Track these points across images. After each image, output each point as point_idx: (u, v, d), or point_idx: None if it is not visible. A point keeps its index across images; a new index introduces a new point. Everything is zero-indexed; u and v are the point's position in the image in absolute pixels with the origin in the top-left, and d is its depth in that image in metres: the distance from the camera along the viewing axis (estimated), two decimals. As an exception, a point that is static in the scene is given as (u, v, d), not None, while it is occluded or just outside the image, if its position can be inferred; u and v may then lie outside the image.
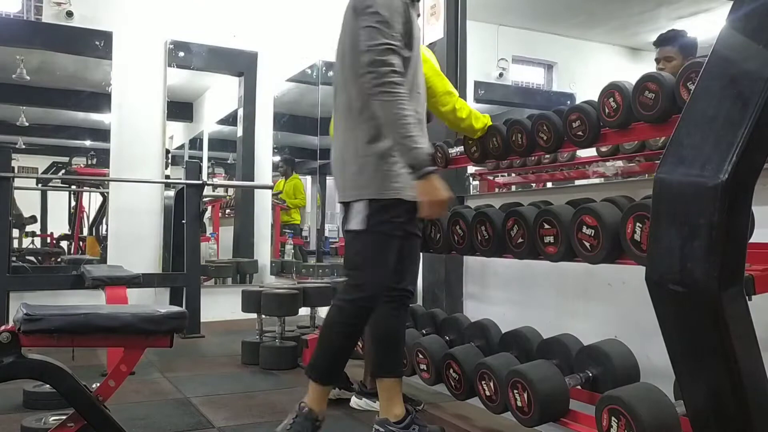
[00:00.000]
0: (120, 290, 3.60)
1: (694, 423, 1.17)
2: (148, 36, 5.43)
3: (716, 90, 1.10)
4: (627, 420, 1.66)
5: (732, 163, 1.00)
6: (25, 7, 5.11)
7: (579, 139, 2.27)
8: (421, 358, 2.57)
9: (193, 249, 4.83)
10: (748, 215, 1.08)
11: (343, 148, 2.17)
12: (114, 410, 1.78)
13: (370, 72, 1.91)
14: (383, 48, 1.91)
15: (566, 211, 1.97)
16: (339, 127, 2.20)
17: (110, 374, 1.78)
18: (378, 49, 1.91)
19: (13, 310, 3.26)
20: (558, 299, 2.79)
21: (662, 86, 1.95)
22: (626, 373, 2.07)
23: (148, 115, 5.40)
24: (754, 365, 1.09)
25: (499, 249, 2.24)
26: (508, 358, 2.25)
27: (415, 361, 2.61)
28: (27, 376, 1.73)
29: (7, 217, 4.25)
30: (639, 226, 1.69)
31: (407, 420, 2.25)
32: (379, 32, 1.92)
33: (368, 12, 1.95)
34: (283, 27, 5.68)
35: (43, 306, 1.69)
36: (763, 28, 1.08)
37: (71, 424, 1.75)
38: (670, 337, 1.14)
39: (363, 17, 1.97)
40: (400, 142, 1.94)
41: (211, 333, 4.72)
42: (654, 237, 1.12)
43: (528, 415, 1.98)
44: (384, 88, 1.90)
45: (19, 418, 2.41)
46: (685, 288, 1.05)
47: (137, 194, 5.33)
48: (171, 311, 1.78)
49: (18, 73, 5.44)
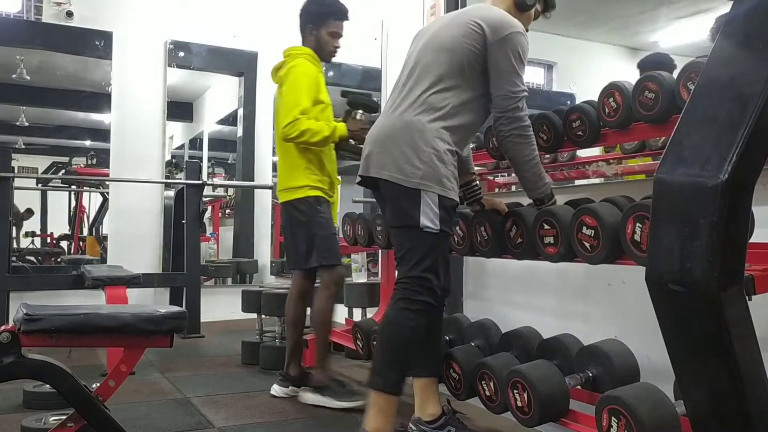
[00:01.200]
0: (120, 290, 3.60)
1: (694, 423, 1.17)
2: (148, 36, 5.43)
3: (716, 90, 1.10)
4: (627, 420, 1.66)
5: (732, 163, 1.00)
6: (25, 7, 5.11)
7: (579, 139, 2.27)
8: (421, 358, 2.56)
9: (193, 249, 4.83)
10: (748, 215, 1.08)
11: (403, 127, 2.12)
12: (114, 410, 1.78)
13: (512, 118, 2.08)
14: (522, 95, 2.10)
15: (566, 212, 1.97)
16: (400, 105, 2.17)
17: (110, 374, 1.78)
18: (519, 97, 2.09)
19: (13, 310, 3.26)
20: (558, 299, 2.79)
21: (662, 86, 1.95)
22: (626, 373, 2.07)
23: (148, 115, 5.40)
24: (754, 365, 1.09)
25: (499, 249, 2.24)
26: (508, 358, 2.25)
27: (415, 361, 2.60)
28: (27, 376, 1.73)
29: (8, 217, 4.25)
30: (639, 226, 1.68)
31: (441, 420, 2.26)
32: (520, 78, 2.09)
33: (514, 55, 2.07)
34: (283, 27, 5.67)
35: (43, 306, 1.69)
36: (763, 28, 1.08)
37: (71, 424, 1.75)
38: (670, 338, 1.14)
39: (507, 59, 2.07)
40: (533, 181, 2.13)
41: (211, 333, 4.72)
42: (654, 237, 1.12)
43: (528, 415, 1.98)
44: (523, 133, 2.09)
45: (19, 418, 2.42)
46: (685, 288, 1.05)
47: (137, 194, 5.33)
48: (171, 311, 1.78)
49: (18, 73, 5.45)
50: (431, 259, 2.09)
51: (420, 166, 2.06)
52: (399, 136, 2.12)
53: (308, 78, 2.88)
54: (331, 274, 2.94)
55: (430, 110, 2.10)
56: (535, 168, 2.11)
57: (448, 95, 2.11)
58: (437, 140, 2.08)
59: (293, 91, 2.85)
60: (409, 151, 2.08)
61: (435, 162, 2.06)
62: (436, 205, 2.06)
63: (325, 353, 2.97)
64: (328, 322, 2.97)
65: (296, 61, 2.92)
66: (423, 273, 2.08)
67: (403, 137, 2.11)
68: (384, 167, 2.13)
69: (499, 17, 2.12)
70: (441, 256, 2.12)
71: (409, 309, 2.08)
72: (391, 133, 2.15)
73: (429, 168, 2.06)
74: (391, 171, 2.11)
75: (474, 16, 2.13)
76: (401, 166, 2.09)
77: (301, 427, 2.59)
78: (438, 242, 2.10)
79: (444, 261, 2.15)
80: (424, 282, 2.08)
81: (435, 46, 2.16)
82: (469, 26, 2.11)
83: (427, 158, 2.06)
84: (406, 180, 2.08)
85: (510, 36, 2.07)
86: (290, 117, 2.79)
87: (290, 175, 2.94)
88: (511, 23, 2.10)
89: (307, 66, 2.92)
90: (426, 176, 2.06)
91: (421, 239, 2.09)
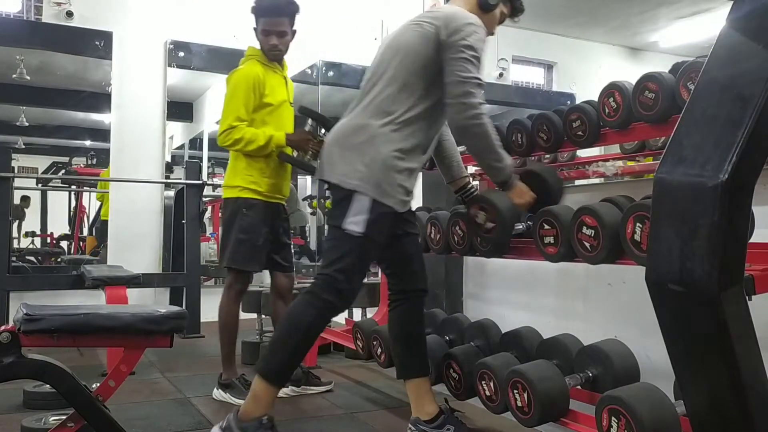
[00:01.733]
0: (120, 290, 3.60)
1: (694, 423, 1.17)
2: (148, 36, 5.42)
3: (716, 90, 1.10)
4: (627, 420, 1.66)
5: (732, 163, 1.01)
6: (25, 7, 5.11)
7: (579, 139, 2.27)
8: (421, 358, 2.57)
9: (193, 249, 4.83)
10: (748, 215, 1.08)
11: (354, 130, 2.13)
12: (114, 410, 1.78)
13: (463, 104, 2.01)
14: (476, 82, 2.01)
15: (566, 211, 1.97)
16: (356, 108, 2.18)
17: (110, 374, 1.78)
18: (472, 83, 2.00)
19: (13, 310, 3.26)
20: (558, 299, 2.79)
21: (662, 86, 1.95)
22: (626, 373, 2.07)
23: (148, 115, 5.40)
24: (754, 365, 1.09)
25: (499, 249, 2.24)
26: (508, 358, 2.25)
27: (415, 361, 2.60)
28: (27, 376, 1.73)
29: (8, 217, 4.24)
30: (639, 226, 1.68)
31: (440, 419, 2.26)
32: (473, 66, 2.02)
33: (464, 44, 2.01)
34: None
35: (43, 306, 1.69)
36: (763, 28, 1.08)
37: (71, 424, 1.75)
38: (670, 337, 1.14)
39: (457, 48, 2.02)
40: (493, 166, 2.09)
41: (211, 333, 4.71)
42: (654, 237, 1.12)
43: (528, 415, 1.98)
44: (476, 120, 2.01)
45: (19, 418, 2.41)
46: (685, 288, 1.05)
47: (137, 194, 5.33)
48: (171, 311, 1.79)
49: (18, 73, 5.44)
50: (346, 261, 2.08)
51: (360, 168, 2.06)
52: (347, 139, 2.13)
53: (246, 82, 2.84)
54: (233, 278, 2.95)
55: (380, 113, 2.09)
56: (493, 153, 2.07)
57: (400, 98, 2.09)
58: (384, 144, 2.06)
59: (229, 97, 2.86)
60: (353, 154, 2.09)
61: (376, 166, 2.05)
62: (366, 209, 2.05)
63: (228, 351, 2.97)
64: (230, 324, 2.96)
65: (240, 66, 2.94)
66: (333, 272, 2.08)
67: (349, 140, 2.12)
68: (331, 170, 2.14)
69: (452, 12, 2.10)
70: (358, 261, 2.10)
71: (311, 304, 2.09)
72: (340, 137, 2.16)
73: (369, 171, 2.05)
74: (335, 173, 2.12)
75: (427, 16, 2.13)
76: (343, 168, 2.10)
77: (301, 427, 2.59)
78: (358, 246, 2.07)
79: (361, 266, 2.13)
80: (333, 281, 2.08)
81: (392, 50, 2.16)
82: (423, 26, 2.10)
83: (369, 161, 2.06)
84: (345, 182, 2.09)
85: (461, 26, 2.04)
86: (225, 125, 2.82)
87: (229, 174, 2.95)
88: (464, 16, 2.07)
89: (248, 69, 2.89)
90: (364, 179, 2.05)
91: (342, 239, 2.09)
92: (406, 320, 2.36)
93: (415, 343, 2.35)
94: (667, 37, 6.53)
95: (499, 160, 2.09)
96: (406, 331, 2.36)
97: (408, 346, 2.36)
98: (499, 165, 2.09)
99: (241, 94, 2.84)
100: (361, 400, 2.98)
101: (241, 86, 2.85)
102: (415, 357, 2.35)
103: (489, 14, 2.23)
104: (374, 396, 3.04)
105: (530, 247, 2.12)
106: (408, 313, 2.35)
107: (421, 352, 2.37)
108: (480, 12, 2.20)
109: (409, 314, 2.35)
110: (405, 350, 2.38)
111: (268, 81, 2.92)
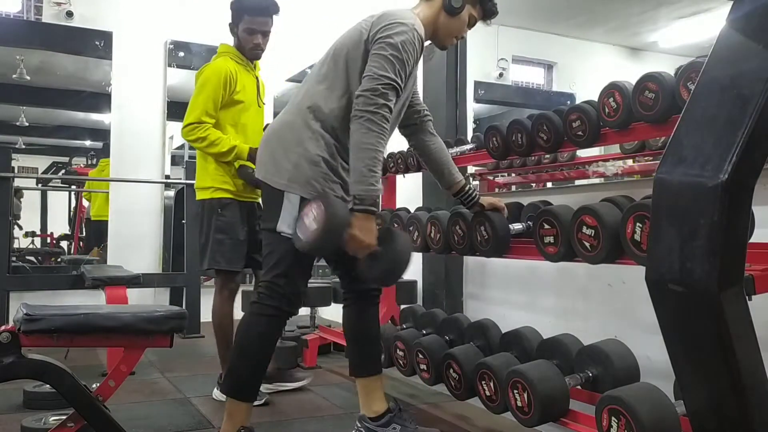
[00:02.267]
0: (120, 290, 3.61)
1: (694, 423, 1.17)
2: (148, 36, 5.42)
3: (716, 90, 1.10)
4: (627, 420, 1.66)
5: (732, 163, 1.01)
6: (25, 7, 5.11)
7: (579, 139, 2.27)
8: (421, 358, 2.57)
9: (193, 249, 4.82)
10: (748, 215, 1.08)
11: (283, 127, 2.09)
12: (114, 410, 1.78)
13: (368, 99, 1.89)
14: (389, 83, 1.90)
15: (566, 211, 1.97)
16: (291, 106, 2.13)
17: (110, 374, 1.78)
18: (384, 82, 1.89)
19: (13, 310, 3.26)
20: (558, 299, 2.79)
21: (662, 86, 1.95)
22: (626, 373, 2.07)
23: (148, 115, 5.40)
24: (754, 365, 1.09)
25: (499, 249, 2.24)
26: (508, 358, 2.25)
27: (415, 361, 2.61)
28: (27, 376, 1.73)
29: (8, 217, 4.24)
30: (639, 226, 1.68)
31: (386, 417, 2.24)
32: (392, 66, 1.91)
33: (388, 42, 1.93)
34: (282, 27, 5.67)
35: (43, 306, 1.69)
36: (763, 28, 1.08)
37: (71, 424, 1.75)
38: (670, 337, 1.14)
39: (381, 44, 1.93)
40: (363, 172, 1.89)
41: (211, 333, 4.68)
42: (654, 237, 1.12)
43: (528, 415, 1.98)
44: (373, 118, 1.88)
45: (19, 418, 2.41)
46: (685, 288, 1.05)
47: (137, 194, 5.33)
48: (171, 311, 1.79)
49: (18, 73, 5.44)
50: (284, 264, 2.04)
51: (288, 167, 2.02)
52: (276, 136, 2.10)
53: (216, 77, 2.80)
54: (222, 280, 2.95)
55: (307, 111, 2.05)
56: (370, 161, 1.88)
57: (330, 97, 2.04)
58: (310, 141, 2.02)
59: (198, 93, 2.82)
60: (280, 150, 2.06)
61: (303, 163, 2.01)
62: (296, 209, 1.99)
63: (225, 352, 2.96)
64: (225, 325, 2.96)
65: (212, 62, 2.92)
66: (273, 278, 2.05)
67: (278, 137, 2.09)
68: (261, 168, 2.11)
69: (390, 11, 2.01)
70: (297, 263, 2.05)
71: (259, 314, 2.06)
72: (271, 135, 2.13)
73: (296, 169, 2.01)
74: (265, 171, 2.09)
75: (365, 20, 2.05)
76: (271, 167, 2.07)
77: (301, 427, 2.59)
78: (293, 248, 1.98)
79: (301, 268, 2.08)
80: (275, 287, 2.05)
81: (331, 50, 2.12)
82: (360, 25, 2.05)
83: (296, 159, 2.01)
84: (274, 181, 2.05)
85: (390, 24, 1.96)
86: (190, 118, 2.78)
87: (200, 175, 2.93)
88: (398, 15, 1.98)
89: (220, 64, 2.86)
90: (292, 177, 2.01)
91: (277, 243, 2.05)
92: (356, 320, 2.33)
93: (367, 343, 2.32)
94: (667, 37, 6.52)
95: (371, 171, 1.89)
96: (356, 330, 2.34)
97: (359, 345, 2.34)
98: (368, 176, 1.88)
99: (210, 89, 2.79)
100: (361, 400, 2.97)
101: (212, 81, 2.81)
102: (365, 356, 2.32)
103: (456, 18, 2.11)
104: (374, 396, 3.04)
105: (530, 247, 2.12)
106: (359, 313, 2.32)
107: (373, 352, 2.34)
108: (446, 16, 2.10)
109: (359, 314, 2.32)
110: (356, 349, 2.36)
111: (240, 78, 2.89)
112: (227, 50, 2.97)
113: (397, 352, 2.74)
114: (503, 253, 2.25)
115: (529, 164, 3.24)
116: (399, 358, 2.73)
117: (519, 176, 3.82)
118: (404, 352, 2.69)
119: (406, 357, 2.68)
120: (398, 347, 2.73)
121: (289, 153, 2.03)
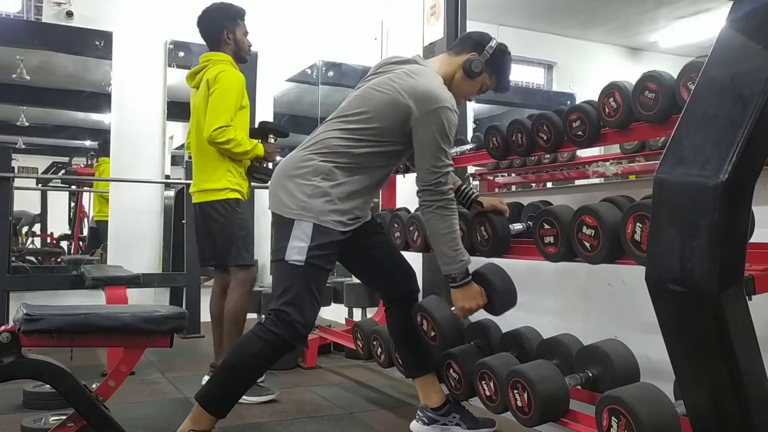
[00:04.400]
0: (120, 290, 3.61)
1: (694, 423, 1.17)
2: (148, 36, 5.42)
3: (716, 90, 1.10)
4: (627, 420, 1.66)
5: (732, 163, 1.01)
6: (25, 7, 5.11)
7: (579, 139, 2.27)
8: (421, 358, 2.57)
9: (193, 249, 4.82)
10: (748, 215, 1.08)
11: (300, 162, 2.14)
12: (114, 410, 1.78)
13: (433, 192, 2.06)
14: (446, 171, 2.07)
15: (566, 211, 1.97)
16: (308, 140, 2.20)
17: (110, 374, 1.78)
18: (443, 172, 2.05)
19: (13, 310, 3.26)
20: (558, 299, 2.79)
21: (662, 86, 1.94)
22: (626, 373, 2.07)
23: (148, 115, 5.40)
24: (754, 365, 1.09)
25: (499, 249, 2.24)
26: (508, 358, 2.25)
27: (415, 361, 2.61)
28: (27, 376, 1.73)
29: (8, 217, 4.24)
30: (639, 226, 1.68)
31: (447, 407, 2.37)
32: (446, 155, 2.06)
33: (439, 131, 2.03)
34: (283, 27, 5.68)
35: (43, 306, 1.69)
36: (763, 28, 1.08)
37: (71, 424, 1.75)
38: (670, 337, 1.14)
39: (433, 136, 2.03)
40: (449, 255, 2.08)
41: (211, 333, 4.71)
42: (654, 237, 1.12)
43: (528, 415, 1.98)
44: (444, 205, 2.06)
45: (19, 418, 2.42)
46: (685, 288, 1.05)
47: (137, 194, 5.33)
48: (171, 311, 1.79)
49: (18, 73, 5.44)
50: (293, 292, 2.05)
51: (301, 197, 2.07)
52: (288, 170, 2.14)
53: (239, 86, 2.95)
54: (246, 274, 3.02)
55: (324, 149, 2.11)
56: (452, 242, 2.07)
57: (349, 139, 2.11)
58: (321, 178, 2.07)
59: (225, 96, 2.89)
60: (292, 184, 2.10)
61: (316, 196, 2.06)
62: (308, 236, 2.04)
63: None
64: (242, 320, 3.02)
65: (224, 67, 2.97)
66: (282, 306, 2.05)
67: (290, 172, 2.13)
68: (275, 201, 2.15)
69: (427, 90, 2.07)
70: (306, 290, 2.07)
71: (259, 336, 2.06)
72: (284, 168, 2.17)
73: (309, 199, 2.06)
74: (277, 204, 2.13)
75: (403, 87, 2.09)
76: (284, 199, 2.11)
77: (301, 427, 2.59)
78: (304, 275, 2.05)
79: (310, 296, 2.08)
80: (283, 315, 2.05)
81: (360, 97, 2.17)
82: (396, 94, 2.08)
83: (310, 191, 2.07)
84: (286, 211, 2.09)
85: (436, 111, 2.03)
86: (221, 122, 2.84)
87: (210, 177, 2.98)
88: (438, 98, 2.06)
89: (239, 75, 3.00)
90: (306, 207, 2.06)
91: (286, 271, 2.07)
92: (404, 325, 2.41)
93: (418, 343, 2.40)
94: (667, 37, 6.52)
95: (456, 251, 2.08)
96: (406, 334, 2.42)
97: (410, 348, 2.45)
98: (454, 256, 2.08)
99: (234, 96, 2.91)
100: (361, 400, 2.98)
101: (235, 89, 2.93)
102: (419, 357, 2.44)
103: (472, 81, 2.24)
104: (374, 396, 3.05)
105: (530, 247, 2.13)
106: (405, 318, 2.39)
107: (424, 351, 2.42)
108: (463, 76, 2.23)
109: (405, 318, 2.39)
110: (407, 352, 2.47)
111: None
112: (227, 59, 3.04)
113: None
114: (503, 254, 2.25)
115: (529, 164, 3.24)
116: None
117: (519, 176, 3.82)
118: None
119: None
120: (398, 347, 2.73)
121: (303, 186, 2.08)
